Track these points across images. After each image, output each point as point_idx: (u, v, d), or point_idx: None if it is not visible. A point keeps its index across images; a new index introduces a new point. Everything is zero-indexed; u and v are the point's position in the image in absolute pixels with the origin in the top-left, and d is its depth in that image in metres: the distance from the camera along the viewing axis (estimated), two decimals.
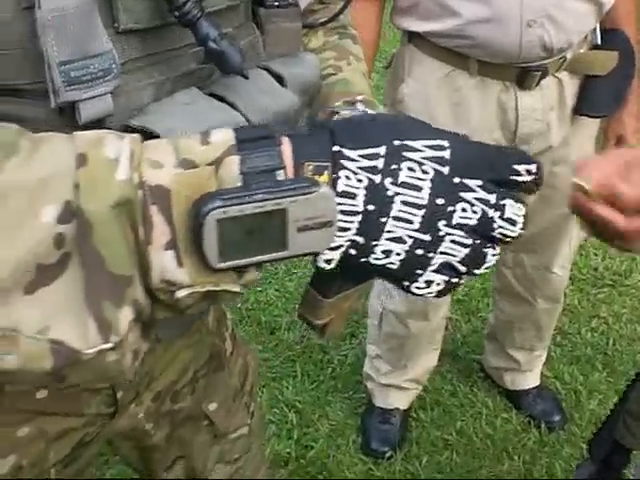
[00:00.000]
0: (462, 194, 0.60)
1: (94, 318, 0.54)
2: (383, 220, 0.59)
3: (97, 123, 0.64)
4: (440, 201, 0.60)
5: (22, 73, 0.62)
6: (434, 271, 0.62)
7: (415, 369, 2.21)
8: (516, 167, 0.62)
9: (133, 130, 0.61)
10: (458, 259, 0.62)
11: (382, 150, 0.59)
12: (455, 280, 0.64)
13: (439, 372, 2.44)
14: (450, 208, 0.60)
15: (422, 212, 0.60)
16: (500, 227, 0.62)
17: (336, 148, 0.59)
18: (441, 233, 0.61)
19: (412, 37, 1.71)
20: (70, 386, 0.59)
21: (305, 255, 0.60)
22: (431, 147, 0.60)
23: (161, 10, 0.67)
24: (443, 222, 0.60)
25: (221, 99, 0.73)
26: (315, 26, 0.95)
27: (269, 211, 0.55)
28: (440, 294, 0.65)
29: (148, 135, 0.63)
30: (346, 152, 0.59)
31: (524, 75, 1.61)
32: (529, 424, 2.32)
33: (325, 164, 0.58)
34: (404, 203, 0.59)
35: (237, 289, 0.59)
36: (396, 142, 0.59)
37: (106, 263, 0.53)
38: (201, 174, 0.55)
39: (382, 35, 1.74)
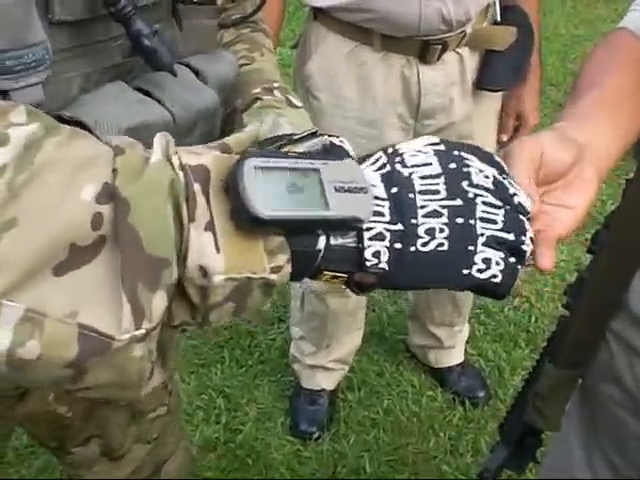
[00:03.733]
0: (467, 161, 0.62)
1: (128, 301, 0.50)
2: (411, 196, 0.59)
3: None
4: (453, 165, 0.61)
5: None
6: (485, 245, 0.61)
7: (339, 349, 2.23)
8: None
9: (64, 121, 0.58)
10: (499, 226, 0.61)
11: (380, 154, 0.61)
12: (512, 259, 0.63)
13: (365, 353, 2.46)
14: (465, 169, 0.61)
15: (442, 179, 0.60)
16: (515, 192, 0.63)
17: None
18: (470, 194, 0.61)
19: (317, 14, 1.73)
20: (82, 390, 0.53)
21: (348, 222, 0.57)
22: (422, 139, 0.63)
23: (95, 3, 0.68)
24: (466, 182, 0.61)
25: (147, 93, 0.74)
26: (228, 25, 0.96)
27: (303, 169, 0.55)
28: (506, 278, 0.62)
29: (80, 126, 0.59)
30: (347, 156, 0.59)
31: (425, 49, 1.64)
32: (454, 401, 2.35)
33: None
34: (422, 177, 0.60)
35: (274, 278, 0.55)
36: (389, 148, 0.62)
37: (143, 244, 0.50)
38: (233, 157, 0.54)
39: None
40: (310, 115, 1.74)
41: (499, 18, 1.74)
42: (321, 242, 0.56)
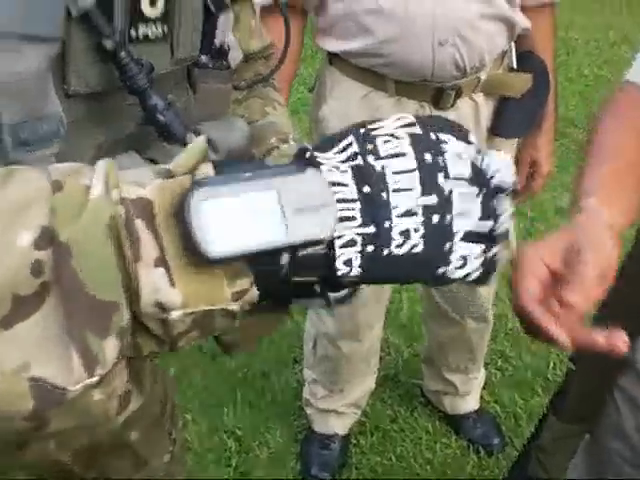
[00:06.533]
0: (443, 146, 0.59)
1: (77, 351, 0.49)
2: (384, 196, 0.56)
3: None
4: (428, 156, 0.58)
5: None
6: (462, 240, 0.59)
7: (352, 393, 2.21)
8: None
9: None
10: (477, 217, 0.59)
11: (351, 138, 0.57)
12: (491, 247, 0.60)
13: (380, 397, 2.43)
14: (440, 160, 0.58)
15: (417, 174, 0.57)
16: (495, 172, 0.60)
17: (308, 154, 0.57)
18: (445, 189, 0.58)
19: (332, 58, 1.74)
20: (49, 436, 0.54)
21: (308, 243, 0.55)
22: (396, 119, 0.59)
23: (111, 75, 0.68)
24: (442, 175, 0.58)
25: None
26: (243, 88, 0.97)
27: (260, 191, 0.52)
28: (486, 272, 0.61)
29: None
30: (320, 154, 0.57)
31: (439, 95, 1.64)
32: (468, 448, 2.31)
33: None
34: (395, 172, 0.57)
35: (235, 307, 0.54)
36: (361, 129, 0.59)
37: (88, 288, 0.49)
38: (181, 182, 0.52)
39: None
40: None
41: (515, 65, 1.74)
42: (284, 258, 0.54)
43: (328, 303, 0.65)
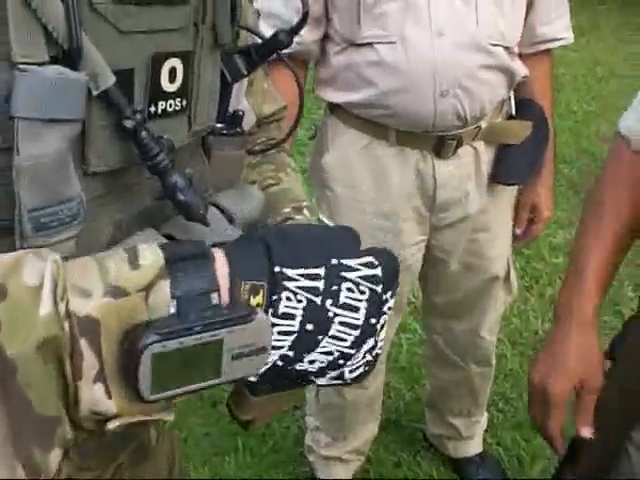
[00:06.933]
0: (384, 308, 0.65)
1: (22, 465, 0.51)
2: (320, 338, 0.61)
3: None
4: (373, 320, 0.63)
5: None
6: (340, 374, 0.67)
7: (355, 440, 2.19)
8: None
9: None
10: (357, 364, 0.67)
11: (322, 271, 0.61)
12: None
13: (382, 442, 2.40)
14: (378, 326, 0.64)
15: (357, 332, 0.63)
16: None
17: (277, 269, 0.59)
18: (364, 348, 0.65)
19: (334, 108, 1.75)
20: None
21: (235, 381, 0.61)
22: (365, 265, 0.63)
23: (131, 153, 0.68)
24: (372, 339, 0.65)
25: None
26: (257, 152, 0.98)
27: (206, 342, 0.55)
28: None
29: None
30: (287, 272, 0.60)
31: (440, 144, 1.65)
32: None
33: (261, 283, 0.59)
34: (342, 324, 0.62)
35: (169, 418, 0.59)
36: (333, 261, 0.61)
37: (33, 404, 0.51)
38: (131, 302, 0.54)
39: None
40: (325, 207, 1.76)
41: (514, 112, 1.75)
42: None
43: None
